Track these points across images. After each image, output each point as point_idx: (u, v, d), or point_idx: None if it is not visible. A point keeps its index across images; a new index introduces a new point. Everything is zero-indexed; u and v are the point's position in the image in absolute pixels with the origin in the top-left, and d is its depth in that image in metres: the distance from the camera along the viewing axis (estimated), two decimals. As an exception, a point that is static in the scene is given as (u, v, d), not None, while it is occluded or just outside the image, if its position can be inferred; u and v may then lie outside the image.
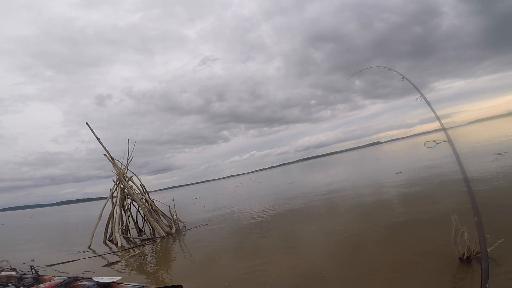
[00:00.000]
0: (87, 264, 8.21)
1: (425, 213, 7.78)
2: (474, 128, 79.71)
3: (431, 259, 4.84)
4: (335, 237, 7.18)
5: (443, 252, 4.88)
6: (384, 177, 17.67)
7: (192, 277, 6.19)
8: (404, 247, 5.65)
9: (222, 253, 7.69)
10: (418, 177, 14.49)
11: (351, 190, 15.17)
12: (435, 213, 7.50)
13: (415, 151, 37.67)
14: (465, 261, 4.41)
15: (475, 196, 2.97)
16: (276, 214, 11.96)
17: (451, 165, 16.14)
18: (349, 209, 10.49)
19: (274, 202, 15.95)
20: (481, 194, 8.22)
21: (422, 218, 7.38)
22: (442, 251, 4.94)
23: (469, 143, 27.16)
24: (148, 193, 13.75)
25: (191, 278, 6.14)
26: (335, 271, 5.17)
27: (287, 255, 6.51)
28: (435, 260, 4.75)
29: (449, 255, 4.65)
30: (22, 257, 9.04)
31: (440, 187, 11.05)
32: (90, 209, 36.60)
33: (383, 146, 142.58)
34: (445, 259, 4.70)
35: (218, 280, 5.70)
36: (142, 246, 10.10)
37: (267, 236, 8.71)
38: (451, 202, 8.09)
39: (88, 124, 12.43)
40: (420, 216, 7.60)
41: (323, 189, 17.51)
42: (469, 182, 3.07)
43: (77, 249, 10.59)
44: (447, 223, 4.70)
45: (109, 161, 12.83)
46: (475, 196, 2.94)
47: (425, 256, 5.00)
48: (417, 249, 5.38)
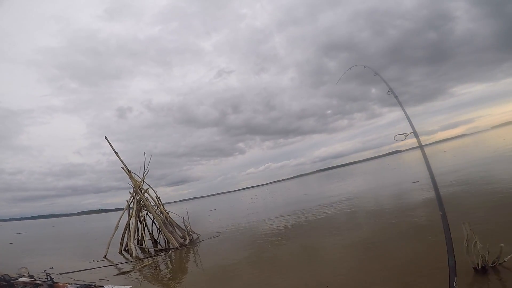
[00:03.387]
0: (101, 272, 8.42)
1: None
2: (498, 132, 75.82)
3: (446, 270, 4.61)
4: (352, 250, 7.01)
5: (459, 262, 4.64)
6: (400, 187, 17.06)
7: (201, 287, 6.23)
8: (419, 259, 5.42)
9: (235, 265, 7.67)
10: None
11: (367, 201, 14.77)
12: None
13: (434, 160, 36.22)
14: (481, 272, 4.19)
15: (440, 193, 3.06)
16: (290, 226, 11.81)
17: (469, 171, 15.43)
18: (365, 222, 10.22)
19: (289, 214, 15.76)
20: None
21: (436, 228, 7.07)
22: (459, 261, 4.70)
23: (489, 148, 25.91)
24: (163, 205, 14.01)
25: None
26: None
27: (301, 269, 6.41)
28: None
29: (465, 265, 4.42)
30: (41, 265, 9.38)
31: (458, 197, 10.57)
32: (109, 219, 37.50)
33: (403, 154, 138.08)
34: (461, 270, 4.47)
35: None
36: (156, 257, 10.24)
37: (280, 248, 8.62)
38: (466, 211, 7.74)
39: (106, 138, 13.00)
40: (436, 226, 7.28)
41: (339, 201, 17.14)
42: (434, 177, 3.13)
43: (94, 258, 10.90)
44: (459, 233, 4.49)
45: (126, 173, 13.25)
46: (439, 192, 3.03)
47: (440, 267, 4.77)
48: (430, 260, 5.15)
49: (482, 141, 52.89)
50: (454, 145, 77.31)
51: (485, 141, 51.29)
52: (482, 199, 9.00)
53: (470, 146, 48.17)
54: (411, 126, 3.44)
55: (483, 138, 68.53)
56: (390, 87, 3.82)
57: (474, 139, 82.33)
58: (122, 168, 13.26)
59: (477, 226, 4.56)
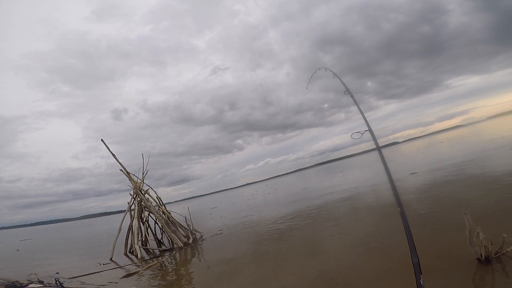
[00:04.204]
0: (109, 275, 8.48)
1: (440, 214, 7.59)
2: (494, 123, 76.41)
3: (449, 261, 4.70)
4: (354, 243, 7.11)
5: (462, 253, 4.73)
6: (398, 178, 17.19)
7: (209, 285, 6.31)
8: (422, 250, 5.51)
9: (240, 261, 7.78)
10: (432, 177, 14.11)
11: (367, 194, 14.92)
12: (448, 214, 7.31)
13: (431, 150, 36.56)
14: (484, 262, 4.30)
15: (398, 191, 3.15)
16: (291, 221, 11.92)
17: (467, 163, 15.61)
18: (366, 215, 10.34)
19: (290, 208, 15.90)
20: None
21: (436, 220, 7.19)
22: (462, 252, 4.79)
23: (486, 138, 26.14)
24: (164, 205, 14.03)
25: (208, 286, 6.26)
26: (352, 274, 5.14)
27: (304, 263, 6.51)
28: (455, 262, 4.63)
29: (468, 256, 4.52)
30: (49, 270, 9.44)
31: (455, 187, 10.72)
32: (112, 222, 37.55)
33: (400, 146, 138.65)
34: (463, 260, 4.57)
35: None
36: (161, 257, 10.31)
37: (282, 243, 8.72)
38: (465, 203, 7.86)
39: (103, 140, 12.94)
40: (434, 218, 7.40)
41: (338, 194, 17.29)
42: (391, 175, 3.22)
43: (101, 261, 10.97)
44: (462, 225, 4.59)
45: (125, 175, 13.24)
46: (397, 191, 3.15)
47: (443, 258, 4.86)
48: (433, 251, 5.24)
49: (478, 132, 53.30)
50: (451, 135, 77.82)
51: (481, 131, 51.68)
52: (481, 189, 9.13)
53: (466, 136, 48.58)
54: (366, 123, 3.65)
55: (479, 129, 69.03)
56: (347, 87, 4.08)
57: (470, 129, 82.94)
58: (121, 170, 13.25)
59: (479, 218, 4.64)
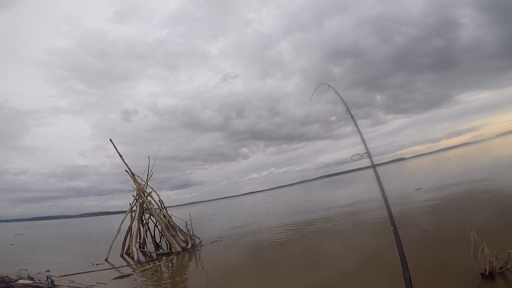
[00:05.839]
0: (101, 276, 8.36)
1: (442, 229, 7.43)
2: (503, 141, 75.26)
3: (451, 276, 4.59)
4: (355, 255, 6.95)
5: (466, 268, 4.58)
6: (403, 194, 16.89)
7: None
8: (424, 265, 5.34)
9: (237, 269, 7.62)
10: (437, 193, 13.84)
11: (370, 208, 14.64)
12: (451, 229, 7.13)
13: (437, 167, 36.05)
14: (488, 277, 4.19)
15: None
16: (292, 231, 11.73)
17: (473, 178, 15.27)
18: (368, 228, 10.13)
19: (291, 219, 15.65)
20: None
21: (441, 235, 7.01)
22: (465, 267, 4.64)
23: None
24: (166, 209, 13.96)
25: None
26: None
27: (302, 274, 6.35)
28: (457, 277, 4.50)
29: (472, 271, 4.38)
30: (41, 267, 9.35)
31: (459, 204, 10.49)
32: (111, 222, 37.44)
33: (407, 162, 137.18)
34: (466, 275, 4.43)
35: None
36: (157, 261, 10.17)
37: (282, 252, 8.57)
38: (469, 218, 7.68)
39: (111, 140, 13.07)
40: (440, 233, 7.21)
41: (341, 207, 17.02)
42: (385, 193, 3.34)
43: (95, 261, 10.83)
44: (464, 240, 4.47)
45: (130, 176, 13.25)
46: (391, 209, 3.24)
47: (446, 273, 4.73)
48: (431, 266, 5.09)
49: (486, 150, 52.44)
50: (459, 152, 76.79)
51: (489, 149, 50.84)
52: (487, 207, 8.91)
53: (474, 154, 47.78)
54: (365, 147, 3.82)
55: (487, 146, 67.98)
56: (348, 107, 4.22)
57: (479, 147, 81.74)
58: (126, 171, 13.27)
59: (483, 233, 4.49)
